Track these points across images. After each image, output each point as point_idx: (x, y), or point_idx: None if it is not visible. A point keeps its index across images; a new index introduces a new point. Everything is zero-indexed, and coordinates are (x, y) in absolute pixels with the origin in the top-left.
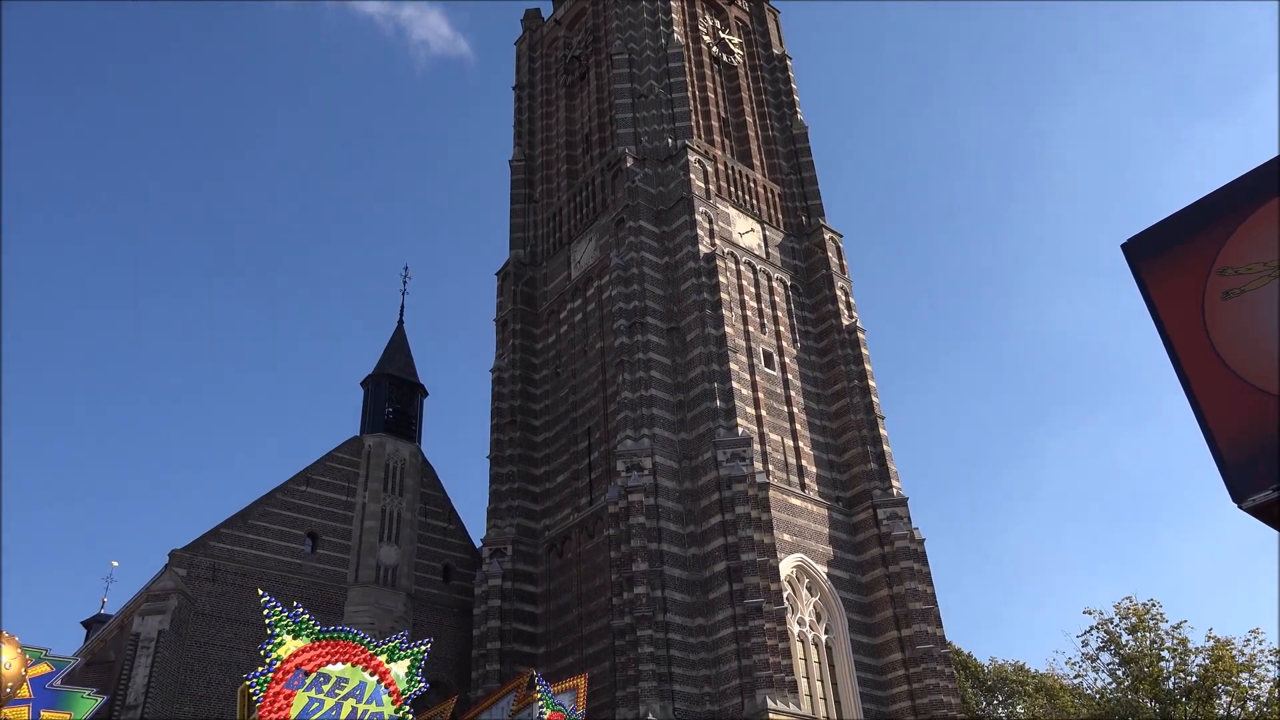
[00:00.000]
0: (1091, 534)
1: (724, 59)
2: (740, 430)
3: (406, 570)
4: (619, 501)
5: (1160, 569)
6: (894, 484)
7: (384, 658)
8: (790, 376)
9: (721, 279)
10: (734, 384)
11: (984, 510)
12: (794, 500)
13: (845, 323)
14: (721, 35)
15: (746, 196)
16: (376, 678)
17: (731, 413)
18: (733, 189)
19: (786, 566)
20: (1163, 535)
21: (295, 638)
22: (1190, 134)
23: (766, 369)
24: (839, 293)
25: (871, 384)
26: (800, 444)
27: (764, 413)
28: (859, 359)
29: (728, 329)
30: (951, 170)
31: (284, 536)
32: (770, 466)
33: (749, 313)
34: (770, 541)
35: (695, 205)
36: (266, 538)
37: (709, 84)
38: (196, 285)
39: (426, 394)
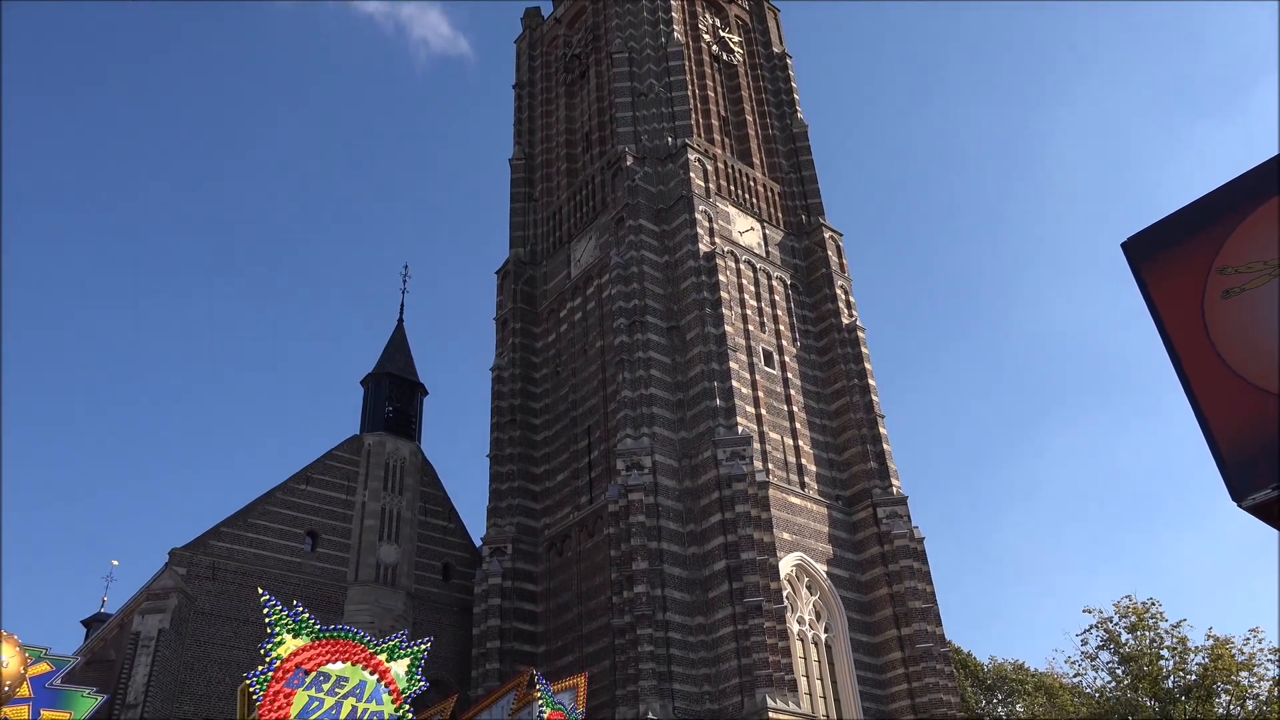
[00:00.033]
0: (1091, 533)
1: (724, 57)
2: (740, 429)
3: (406, 569)
4: (619, 500)
5: (1160, 568)
6: (894, 483)
7: (384, 656)
8: (790, 375)
9: (721, 278)
10: (734, 383)
11: (984, 509)
12: (794, 499)
13: (845, 321)
14: (721, 34)
15: (746, 195)
16: (376, 676)
17: (731, 411)
18: (733, 188)
19: (786, 565)
20: (1162, 534)
21: (295, 636)
22: (1190, 133)
23: (766, 368)
24: (839, 291)
25: (871, 383)
26: (800, 443)
27: (764, 411)
28: (859, 358)
29: (727, 328)
30: (951, 169)
31: (284, 535)
32: (770, 465)
33: (749, 311)
34: (770, 540)
35: (695, 204)
36: (266, 536)
37: (709, 83)
38: (196, 284)
39: (426, 393)
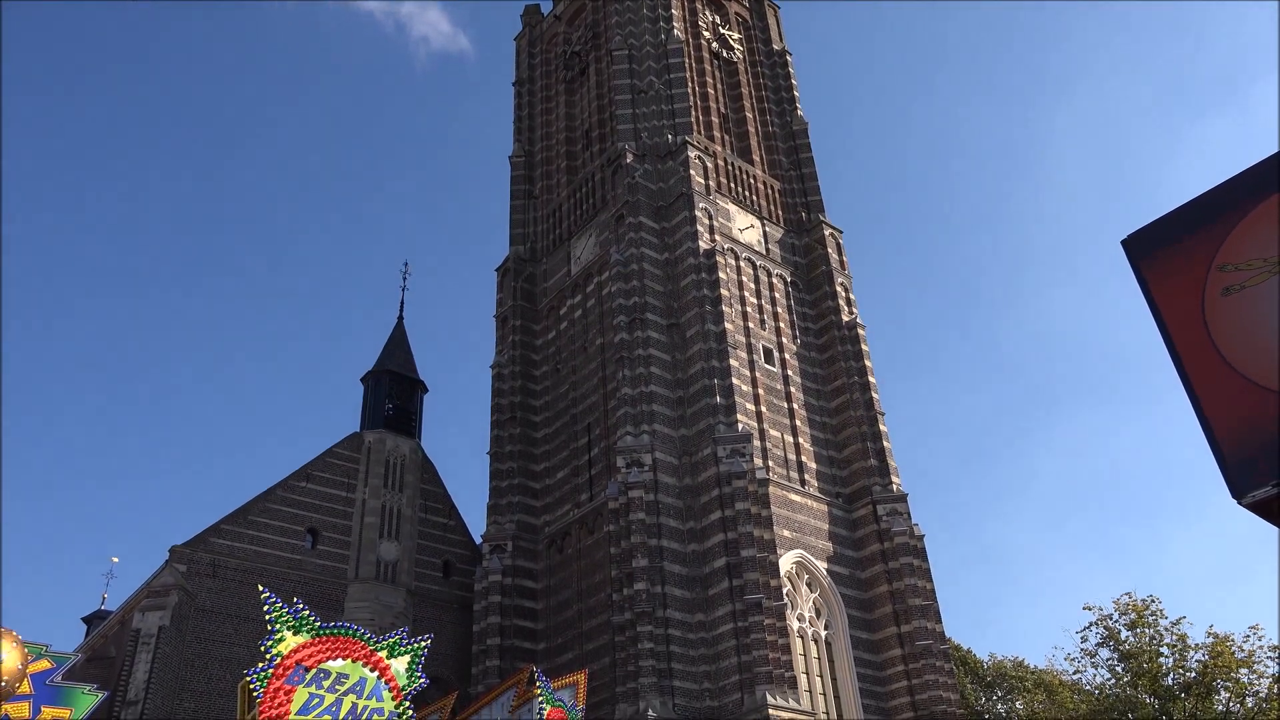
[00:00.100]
0: (1091, 530)
1: (724, 55)
2: (740, 426)
3: (406, 566)
4: (619, 497)
5: (1160, 565)
6: (894, 480)
7: (384, 653)
8: (790, 372)
9: (721, 275)
10: (734, 380)
11: (983, 506)
12: (794, 496)
13: (845, 319)
14: (721, 31)
15: (746, 192)
16: (377, 673)
17: (731, 409)
18: (733, 185)
19: (786, 562)
20: (1162, 531)
21: (295, 634)
22: (1189, 131)
23: (766, 365)
24: (839, 289)
25: (871, 380)
26: (800, 440)
27: (764, 409)
28: (859, 355)
29: (728, 325)
30: (951, 166)
31: (284, 532)
32: (770, 462)
33: (749, 309)
34: (770, 537)
35: (695, 201)
36: (267, 534)
37: (709, 80)
38: (197, 282)
39: (426, 390)
